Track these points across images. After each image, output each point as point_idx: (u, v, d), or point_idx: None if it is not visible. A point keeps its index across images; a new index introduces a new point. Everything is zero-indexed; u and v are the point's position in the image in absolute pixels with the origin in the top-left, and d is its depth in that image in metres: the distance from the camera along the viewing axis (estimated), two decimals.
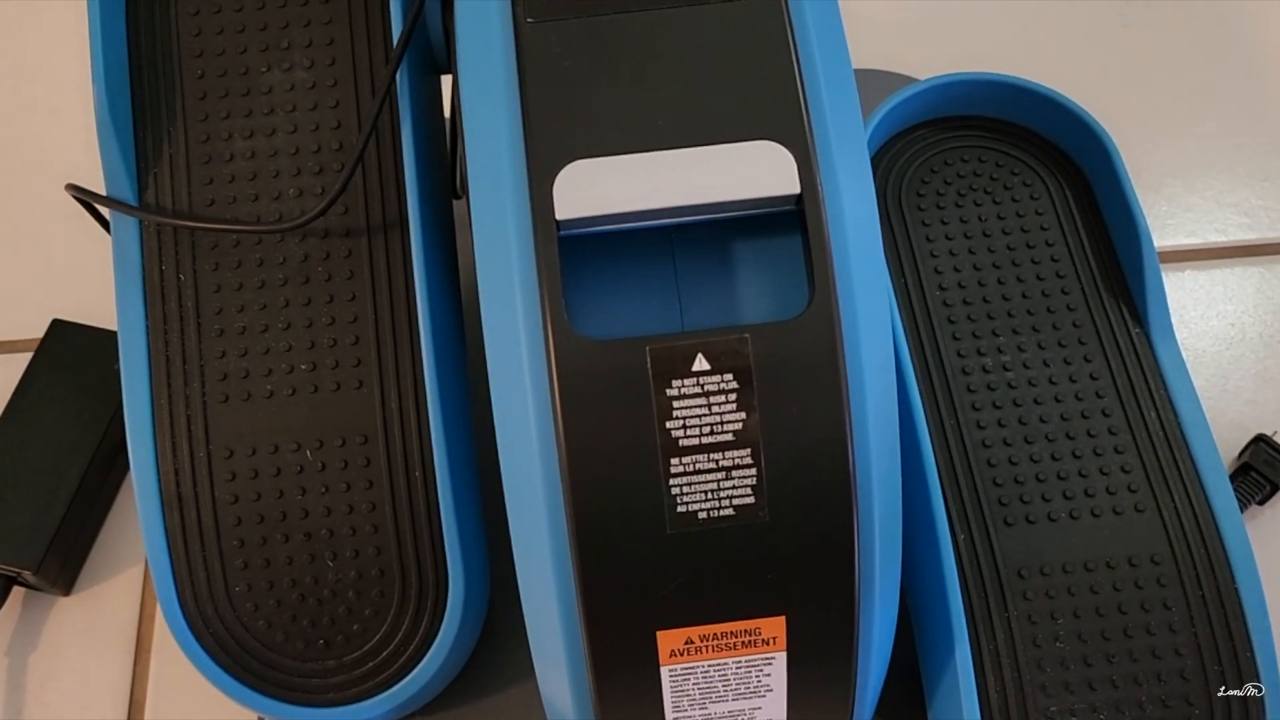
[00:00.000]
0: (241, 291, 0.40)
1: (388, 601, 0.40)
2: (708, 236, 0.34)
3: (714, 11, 0.33)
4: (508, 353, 0.32)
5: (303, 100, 0.41)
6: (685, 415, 0.31)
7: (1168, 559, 0.40)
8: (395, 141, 0.41)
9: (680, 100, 0.32)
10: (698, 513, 0.31)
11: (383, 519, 0.40)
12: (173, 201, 0.41)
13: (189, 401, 0.40)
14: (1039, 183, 0.47)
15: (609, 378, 0.31)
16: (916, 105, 0.47)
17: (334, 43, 0.42)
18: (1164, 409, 0.42)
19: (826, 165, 0.32)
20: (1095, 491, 0.41)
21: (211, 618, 0.40)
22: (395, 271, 0.40)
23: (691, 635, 0.33)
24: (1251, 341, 0.54)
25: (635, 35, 0.33)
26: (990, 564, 0.40)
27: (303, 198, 0.41)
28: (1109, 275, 0.45)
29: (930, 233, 0.46)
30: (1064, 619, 0.39)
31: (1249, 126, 0.59)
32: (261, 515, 0.40)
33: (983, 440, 0.42)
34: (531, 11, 0.33)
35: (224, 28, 0.42)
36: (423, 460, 0.40)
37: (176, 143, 0.41)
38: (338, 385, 0.40)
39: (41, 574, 0.46)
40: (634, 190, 0.32)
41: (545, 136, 0.32)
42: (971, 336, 0.43)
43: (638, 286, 0.34)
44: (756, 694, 0.34)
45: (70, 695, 0.46)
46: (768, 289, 0.34)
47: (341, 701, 0.40)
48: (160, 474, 0.40)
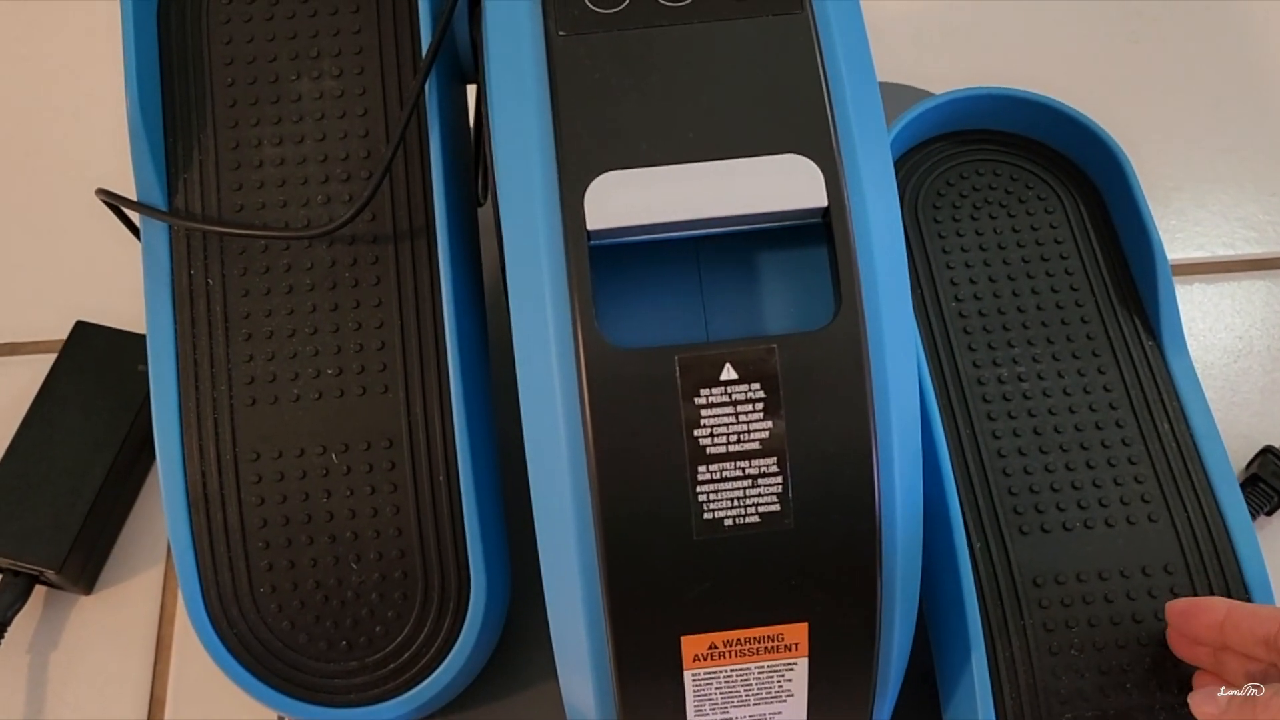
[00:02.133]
0: (269, 296, 0.41)
1: (410, 603, 0.40)
2: (731, 247, 0.35)
3: (743, 27, 0.34)
4: (538, 359, 0.32)
5: (331, 108, 0.42)
6: (713, 424, 0.32)
7: (1180, 568, 0.40)
8: (423, 150, 0.41)
9: (709, 114, 0.33)
10: (724, 520, 0.32)
11: (406, 522, 0.40)
12: (202, 207, 0.41)
13: (216, 404, 0.41)
14: (1053, 196, 0.47)
15: (638, 386, 0.31)
16: (933, 119, 0.48)
17: (362, 52, 0.42)
18: (1176, 420, 0.43)
19: (853, 179, 0.33)
20: (1109, 501, 0.41)
21: (235, 618, 0.40)
22: (421, 278, 0.41)
23: (715, 640, 0.33)
24: (1259, 354, 0.54)
25: (665, 50, 0.34)
26: (1006, 572, 0.40)
27: (330, 204, 0.41)
28: (1122, 288, 0.45)
29: (947, 245, 0.46)
30: (1078, 627, 0.40)
31: (1257, 142, 0.60)
32: (287, 517, 0.40)
33: (999, 450, 0.42)
34: (563, 25, 0.34)
35: (254, 36, 0.42)
36: (446, 464, 0.40)
37: (206, 149, 0.42)
38: (363, 389, 0.41)
39: (64, 573, 0.46)
40: (664, 202, 0.32)
41: (577, 148, 0.32)
42: (987, 348, 0.44)
43: (664, 296, 0.35)
44: (777, 699, 0.35)
45: (91, 693, 0.47)
46: (790, 300, 0.35)
47: (363, 702, 0.41)
48: (187, 475, 0.40)
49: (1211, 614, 0.36)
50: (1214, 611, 0.36)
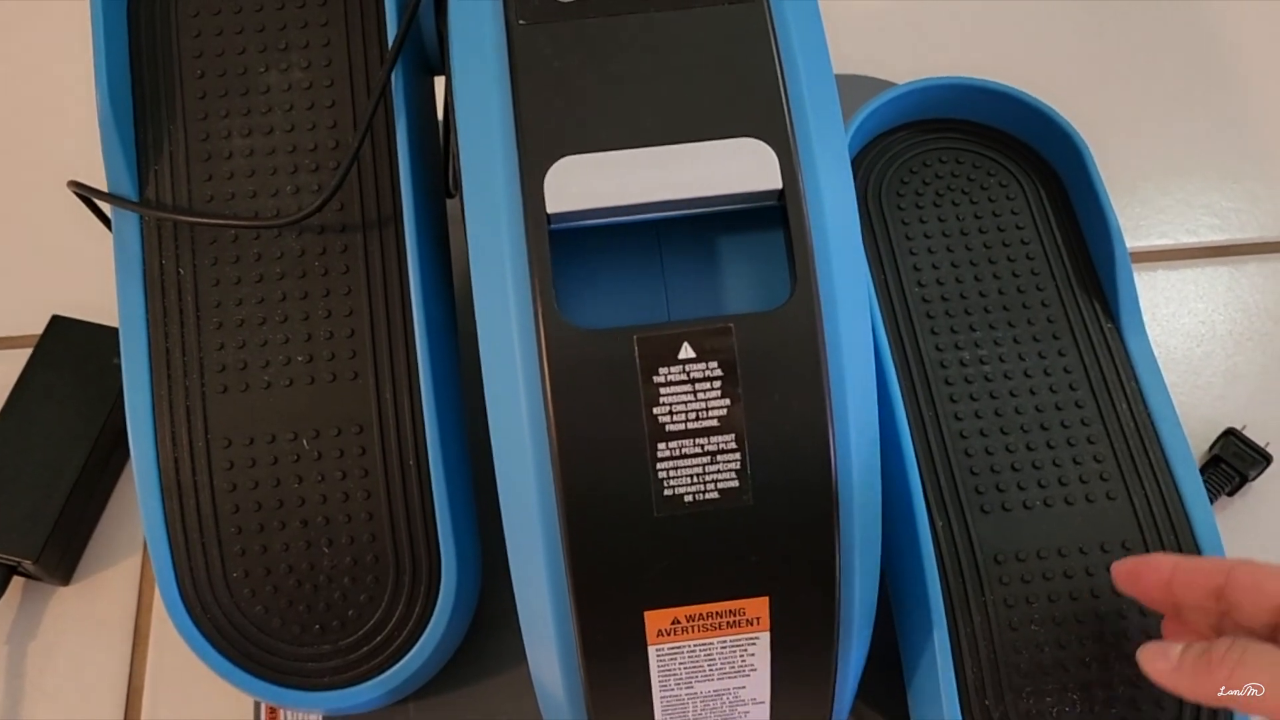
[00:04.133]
0: (240, 285, 0.42)
1: (382, 587, 0.41)
2: (692, 230, 0.36)
3: (700, 15, 0.34)
4: (500, 340, 0.33)
5: (300, 100, 0.42)
6: (672, 402, 0.32)
7: (1139, 545, 0.41)
8: (390, 140, 0.42)
9: (667, 99, 0.34)
10: (684, 496, 0.33)
11: (377, 507, 0.41)
12: (173, 198, 0.42)
13: (188, 392, 0.41)
14: (1014, 183, 0.48)
15: (598, 365, 0.32)
16: (896, 109, 0.49)
17: (330, 44, 0.43)
18: (1135, 401, 0.44)
19: (808, 161, 0.33)
20: (1068, 480, 0.42)
21: (210, 603, 0.41)
22: (390, 266, 0.42)
23: (678, 615, 0.34)
24: (1221, 339, 0.55)
25: (624, 37, 0.34)
26: (968, 550, 0.41)
27: (299, 194, 0.42)
28: (1082, 272, 0.46)
29: (909, 231, 0.47)
30: (1039, 603, 0.40)
31: (1220, 131, 0.61)
32: (259, 503, 0.41)
33: (960, 431, 0.43)
34: (523, 14, 0.34)
35: (223, 29, 0.43)
36: (416, 449, 0.41)
37: (176, 140, 0.42)
38: (334, 376, 0.41)
39: (41, 564, 0.47)
40: (622, 185, 0.33)
41: (536, 133, 0.33)
42: (949, 331, 0.45)
43: (625, 279, 0.35)
44: (741, 673, 0.36)
45: (69, 683, 0.47)
46: (750, 281, 0.35)
47: (337, 685, 0.41)
48: (160, 463, 0.41)
49: (1157, 572, 0.35)
50: (1160, 569, 0.35)
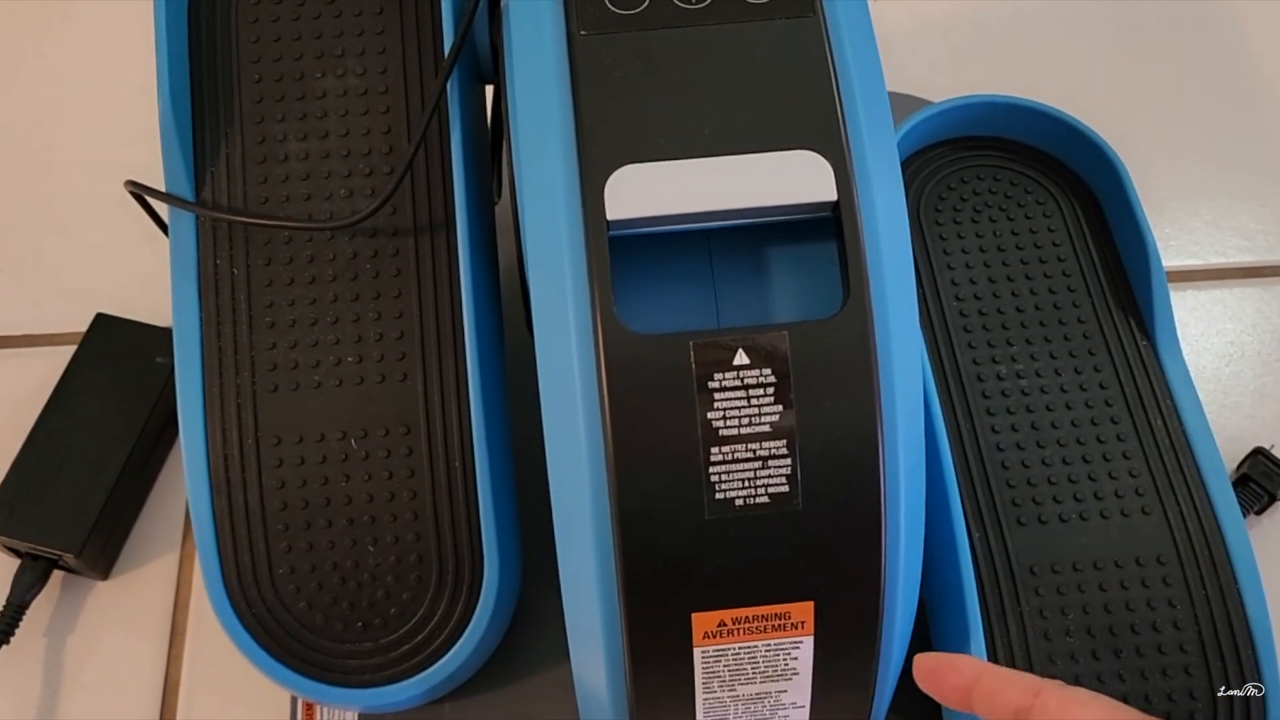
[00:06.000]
0: (292, 286, 0.42)
1: (425, 586, 0.42)
2: (742, 239, 0.36)
3: (757, 28, 0.35)
4: (558, 343, 0.33)
5: (354, 105, 0.43)
6: (725, 407, 0.33)
7: (1173, 559, 0.42)
8: (443, 147, 0.43)
9: (724, 111, 0.34)
10: (735, 500, 0.33)
11: (422, 507, 0.42)
12: (229, 199, 0.43)
13: (239, 391, 0.42)
14: (1051, 201, 0.49)
15: (654, 370, 0.33)
16: (935, 125, 0.50)
17: (385, 51, 0.43)
18: (1170, 417, 0.44)
19: (862, 174, 0.34)
20: (1104, 494, 0.43)
21: (254, 599, 0.41)
22: (440, 270, 0.42)
23: (725, 618, 0.34)
24: (1250, 359, 0.56)
25: (682, 49, 0.35)
26: (1004, 561, 0.42)
27: (353, 198, 0.43)
28: (1118, 290, 0.47)
29: (948, 246, 0.48)
30: (1073, 615, 0.41)
31: (1248, 153, 0.62)
32: (306, 501, 0.42)
33: (997, 444, 0.44)
34: (584, 25, 0.35)
35: (281, 35, 0.43)
36: (462, 451, 0.42)
37: (234, 144, 0.43)
38: (382, 377, 0.42)
39: (82, 558, 0.47)
40: (681, 194, 0.33)
41: (597, 142, 0.34)
42: (987, 345, 0.45)
43: (677, 286, 0.36)
44: (783, 677, 0.36)
45: (106, 677, 0.48)
46: (797, 290, 0.36)
47: (377, 683, 0.42)
48: (210, 459, 0.42)
49: (960, 676, 0.32)
50: (963, 674, 0.32)
